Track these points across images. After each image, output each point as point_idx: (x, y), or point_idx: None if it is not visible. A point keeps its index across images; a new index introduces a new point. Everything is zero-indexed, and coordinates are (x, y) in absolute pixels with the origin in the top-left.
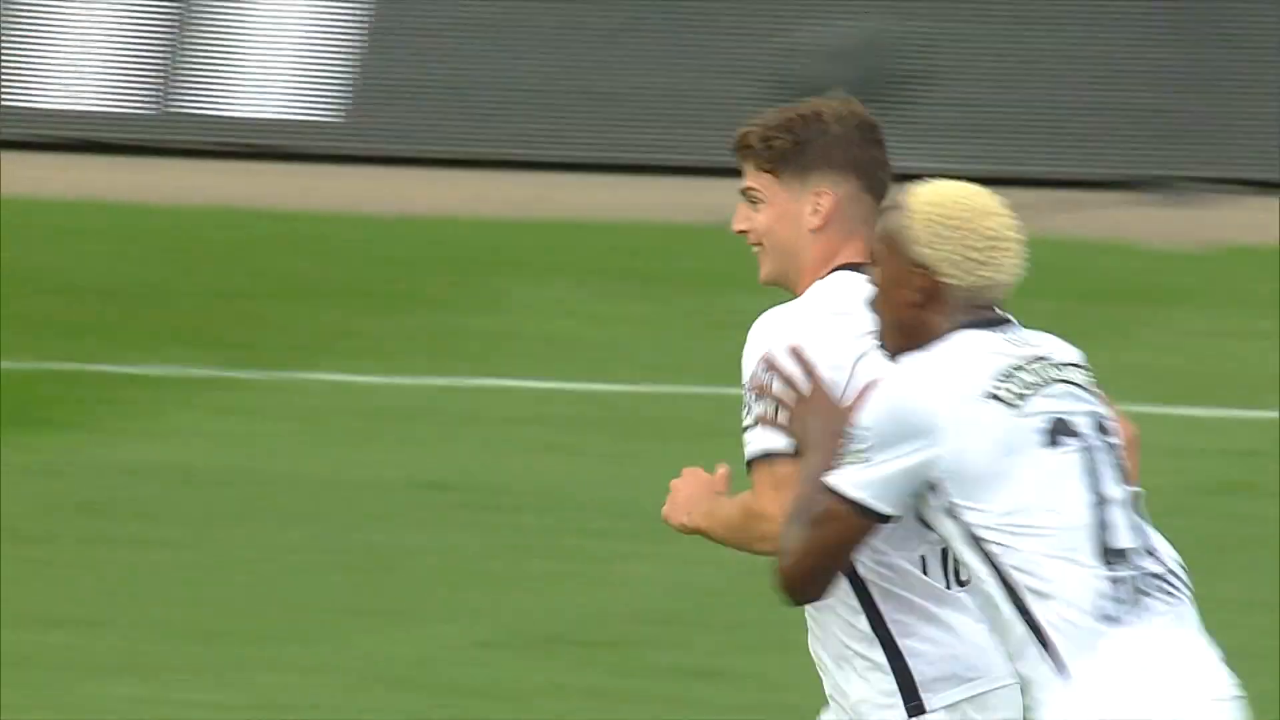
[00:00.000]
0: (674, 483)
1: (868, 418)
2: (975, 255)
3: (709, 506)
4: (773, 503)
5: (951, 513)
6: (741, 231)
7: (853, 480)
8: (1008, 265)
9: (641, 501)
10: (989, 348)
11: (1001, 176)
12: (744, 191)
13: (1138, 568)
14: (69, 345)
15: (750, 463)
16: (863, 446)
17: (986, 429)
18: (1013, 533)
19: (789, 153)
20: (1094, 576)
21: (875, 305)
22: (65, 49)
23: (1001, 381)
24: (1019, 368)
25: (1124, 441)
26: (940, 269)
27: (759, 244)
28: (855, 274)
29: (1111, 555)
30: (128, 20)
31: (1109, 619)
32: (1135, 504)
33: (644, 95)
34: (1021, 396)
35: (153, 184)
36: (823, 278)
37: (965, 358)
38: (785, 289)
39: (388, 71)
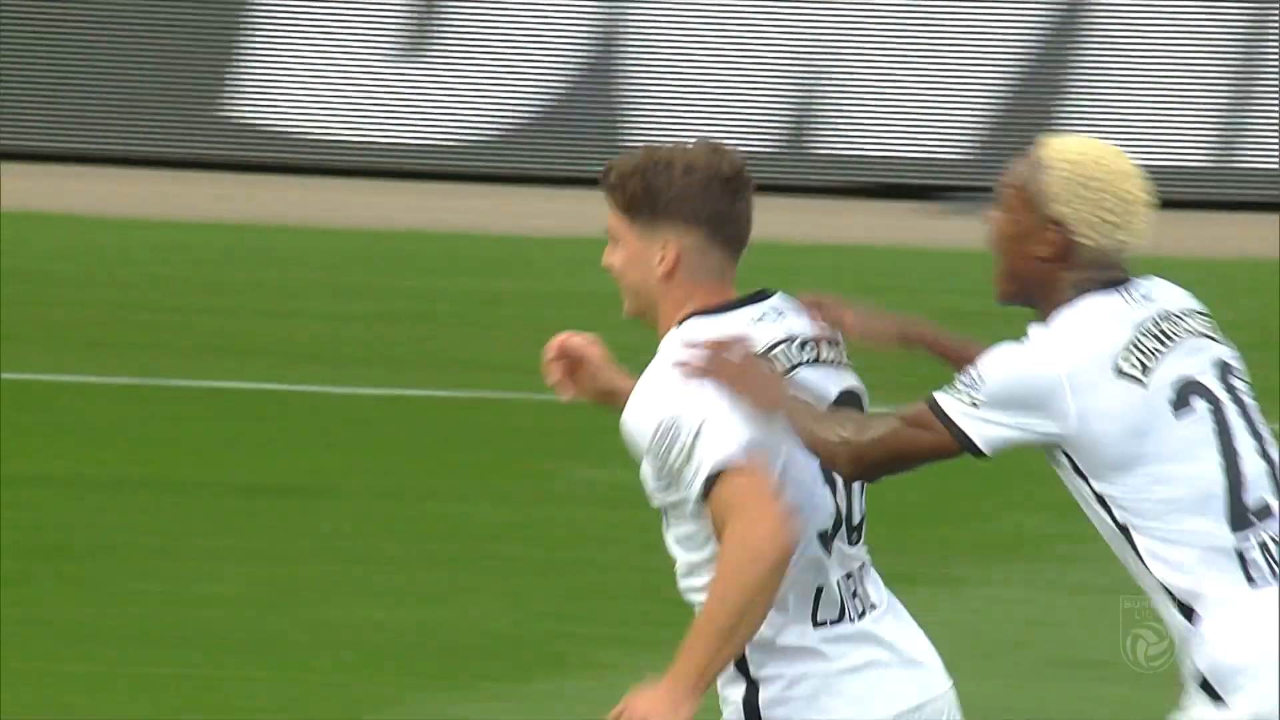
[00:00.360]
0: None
1: (990, 372)
2: (1112, 217)
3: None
4: (760, 509)
5: (1081, 476)
6: (608, 267)
7: (961, 410)
8: (1140, 229)
9: None
10: (1115, 316)
11: None
12: (607, 229)
13: (1270, 527)
14: None
15: (708, 492)
16: (978, 393)
17: (1116, 413)
18: (1145, 511)
19: (640, 199)
20: (1228, 546)
21: (998, 251)
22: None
23: (1128, 354)
24: (1144, 333)
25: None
26: (1077, 228)
27: (620, 282)
28: (704, 319)
29: (1245, 515)
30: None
31: (1241, 584)
32: (1268, 449)
33: None
34: (1147, 368)
35: None
36: (676, 325)
37: (1093, 331)
38: (647, 324)
39: None
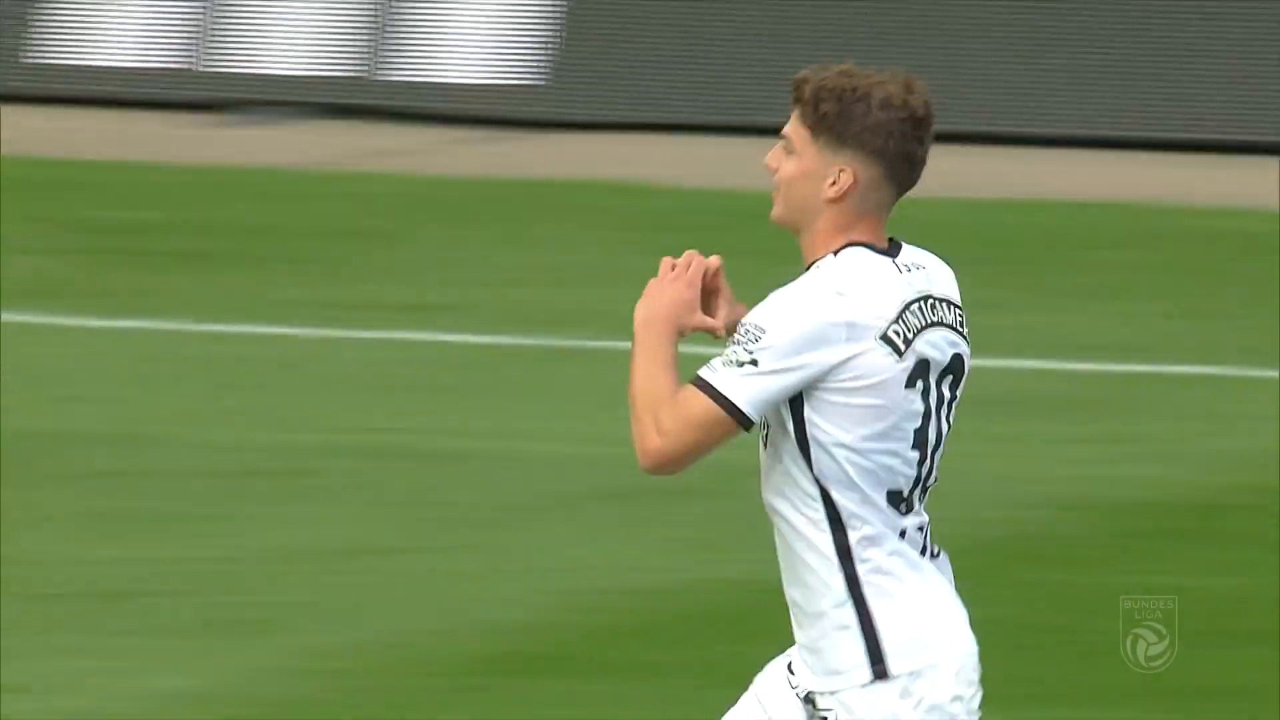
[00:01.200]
0: (653, 283)
1: None
2: None
3: (654, 341)
4: (670, 420)
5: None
6: (770, 168)
7: None
8: None
9: None
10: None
11: None
12: (782, 134)
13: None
14: None
15: (696, 380)
16: None
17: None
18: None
19: (830, 120)
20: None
21: None
22: None
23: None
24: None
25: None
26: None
27: (778, 187)
28: (865, 250)
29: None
30: None
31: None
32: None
33: None
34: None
35: None
36: (834, 252)
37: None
38: (790, 232)
39: None
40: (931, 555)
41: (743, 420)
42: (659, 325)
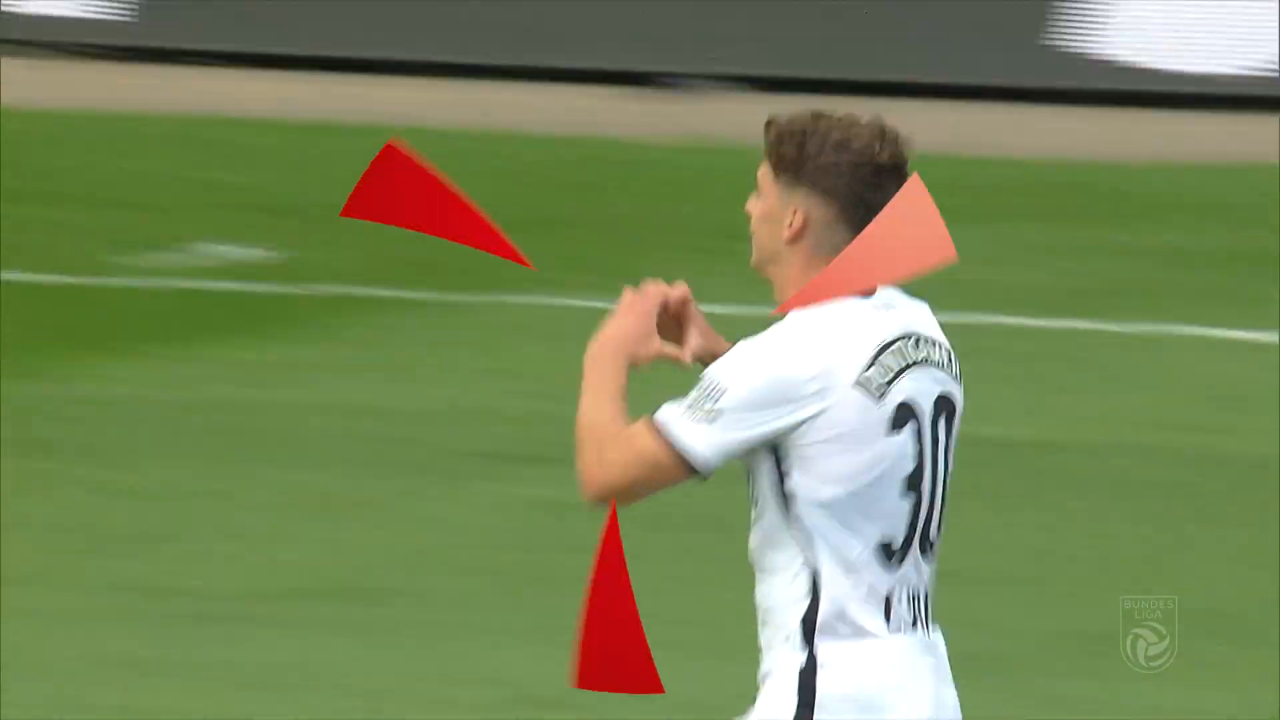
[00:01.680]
0: (613, 315)
1: None
2: None
3: (601, 372)
4: (615, 452)
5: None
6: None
7: None
8: None
9: None
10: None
11: None
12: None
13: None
14: None
15: (655, 415)
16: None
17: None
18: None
19: (789, 161)
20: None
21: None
22: None
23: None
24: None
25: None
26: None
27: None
28: (842, 303)
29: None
30: None
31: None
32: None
33: None
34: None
35: None
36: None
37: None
38: (765, 279)
39: None
40: (924, 629)
41: (697, 466)
42: (606, 357)
